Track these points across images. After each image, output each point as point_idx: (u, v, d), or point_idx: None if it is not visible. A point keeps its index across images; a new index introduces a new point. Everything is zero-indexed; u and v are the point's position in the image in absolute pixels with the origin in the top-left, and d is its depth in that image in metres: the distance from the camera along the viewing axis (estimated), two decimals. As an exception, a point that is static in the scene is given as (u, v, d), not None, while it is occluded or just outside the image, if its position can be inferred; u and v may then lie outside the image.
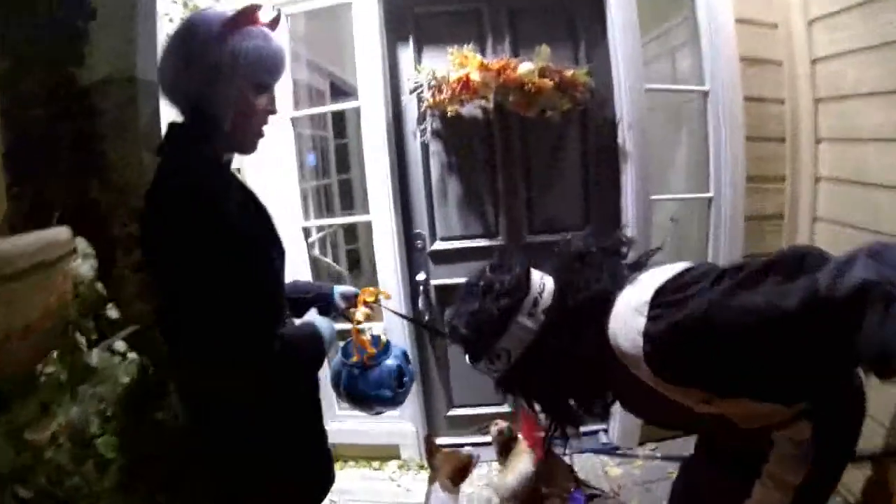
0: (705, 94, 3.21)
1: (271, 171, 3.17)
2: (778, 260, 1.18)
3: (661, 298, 1.24)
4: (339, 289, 1.88)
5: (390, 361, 1.84)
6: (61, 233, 1.15)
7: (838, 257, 1.10)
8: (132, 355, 1.58)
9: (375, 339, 1.85)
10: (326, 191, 4.33)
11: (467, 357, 1.54)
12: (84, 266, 1.71)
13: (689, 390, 1.24)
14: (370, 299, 1.88)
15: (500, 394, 1.58)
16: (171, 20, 2.48)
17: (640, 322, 1.24)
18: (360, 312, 1.84)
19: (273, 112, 1.46)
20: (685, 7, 3.33)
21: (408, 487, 3.09)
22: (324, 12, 3.31)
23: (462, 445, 3.18)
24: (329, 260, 3.24)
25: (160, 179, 1.38)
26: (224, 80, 1.33)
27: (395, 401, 1.85)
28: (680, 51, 3.70)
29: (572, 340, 1.37)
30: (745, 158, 3.17)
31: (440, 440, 3.27)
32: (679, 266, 1.33)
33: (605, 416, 1.52)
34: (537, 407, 1.55)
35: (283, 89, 3.08)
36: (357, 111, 3.21)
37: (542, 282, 1.44)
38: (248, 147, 1.50)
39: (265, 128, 1.48)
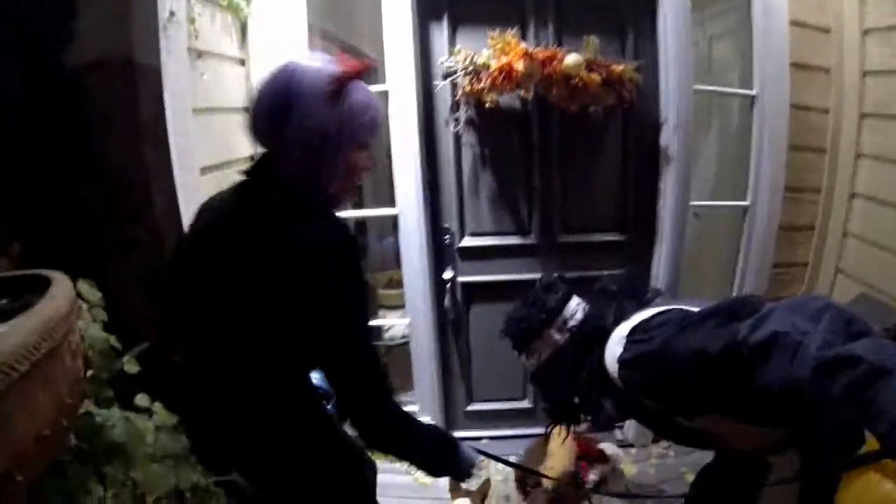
0: (752, 98, 3.08)
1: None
2: (718, 309, 1.44)
3: (634, 335, 1.58)
4: None
5: None
6: (62, 300, 0.98)
7: (764, 309, 1.30)
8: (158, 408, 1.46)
9: None
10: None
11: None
12: (93, 326, 1.54)
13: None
14: None
15: (532, 384, 2.25)
16: None
17: (619, 351, 1.58)
18: None
19: (369, 168, 1.45)
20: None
21: (424, 481, 3.02)
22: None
23: (480, 439, 3.19)
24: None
25: (300, 228, 1.33)
26: (332, 148, 1.33)
27: None
28: (719, 41, 3.57)
29: (582, 357, 1.76)
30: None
31: (458, 433, 3.24)
32: (656, 310, 1.64)
33: (609, 426, 1.89)
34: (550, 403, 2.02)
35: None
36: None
37: (578, 307, 1.87)
38: (340, 203, 1.50)
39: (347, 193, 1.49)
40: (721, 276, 3.36)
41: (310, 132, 1.30)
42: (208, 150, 2.34)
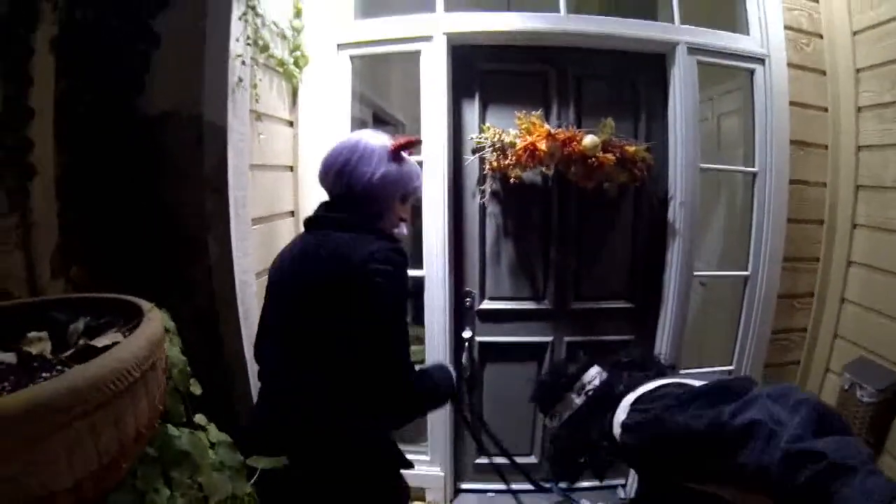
0: (753, 174, 3.29)
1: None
2: (709, 389, 1.56)
3: (637, 404, 1.72)
4: None
5: None
6: (159, 323, 1.14)
7: (750, 394, 1.42)
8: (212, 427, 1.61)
9: None
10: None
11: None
12: (174, 349, 1.71)
13: None
14: None
15: (551, 443, 2.22)
16: (244, 62, 2.42)
17: (622, 417, 1.73)
18: None
19: (406, 220, 1.89)
20: (739, 77, 3.41)
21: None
22: (386, 56, 3.31)
23: (487, 492, 3.34)
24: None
25: (370, 254, 1.64)
26: (389, 191, 1.78)
27: None
28: (727, 118, 3.78)
29: (595, 419, 1.88)
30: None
31: (467, 485, 3.39)
32: (660, 382, 1.80)
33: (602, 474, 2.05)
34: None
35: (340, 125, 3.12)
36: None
37: (596, 375, 2.01)
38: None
39: (395, 230, 1.86)
40: (724, 341, 3.49)
41: (374, 179, 1.74)
42: (258, 203, 2.53)
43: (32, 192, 1.74)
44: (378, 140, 1.81)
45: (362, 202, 1.76)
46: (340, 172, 1.77)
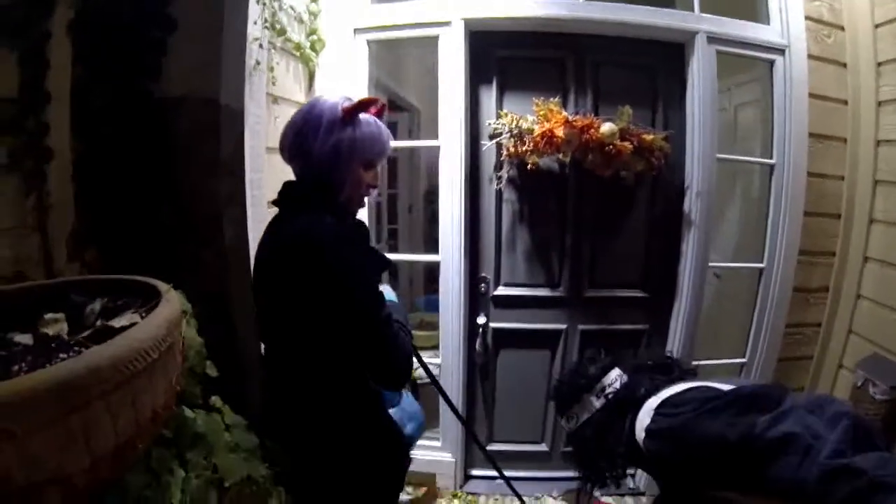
0: (771, 166, 3.26)
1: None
2: (741, 396, 1.54)
3: (662, 409, 1.68)
4: None
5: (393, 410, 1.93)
6: (176, 304, 1.12)
7: (785, 404, 1.43)
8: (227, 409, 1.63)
9: None
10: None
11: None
12: (191, 330, 1.72)
13: None
14: None
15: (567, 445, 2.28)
16: (261, 46, 2.42)
17: (647, 421, 1.69)
18: None
19: (375, 186, 1.77)
20: (758, 67, 3.38)
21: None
22: (403, 41, 3.30)
23: (496, 478, 3.35)
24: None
25: (303, 230, 1.59)
26: (345, 160, 1.65)
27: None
28: (744, 109, 3.75)
29: (614, 423, 1.87)
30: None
31: (477, 472, 3.40)
32: (686, 385, 1.75)
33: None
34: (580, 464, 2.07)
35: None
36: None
37: (617, 378, 1.97)
38: (352, 213, 1.77)
39: (366, 198, 1.78)
40: (737, 333, 3.48)
41: (325, 148, 1.63)
42: (273, 186, 2.54)
43: (49, 176, 1.75)
44: (334, 103, 1.67)
45: (319, 175, 1.66)
46: (294, 144, 1.71)
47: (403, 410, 1.98)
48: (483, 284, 3.30)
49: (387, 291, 1.81)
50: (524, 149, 2.98)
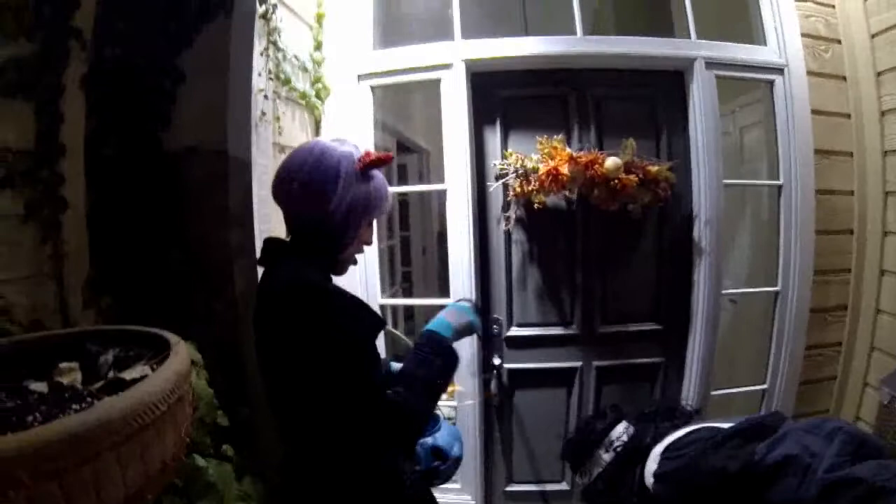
0: (779, 187, 3.24)
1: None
2: (740, 429, 1.61)
3: (667, 454, 1.77)
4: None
5: (428, 439, 1.85)
6: (185, 356, 1.13)
7: (782, 429, 1.48)
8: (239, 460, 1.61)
9: None
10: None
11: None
12: (201, 381, 1.73)
13: None
14: None
15: (582, 500, 2.27)
16: (266, 96, 2.47)
17: (654, 467, 1.77)
18: None
19: (370, 243, 1.67)
20: (760, 88, 3.39)
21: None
22: (407, 84, 3.34)
23: None
24: (402, 335, 3.25)
25: (288, 286, 1.45)
26: (354, 219, 1.54)
27: (427, 477, 1.85)
28: (749, 131, 3.75)
29: (625, 473, 1.93)
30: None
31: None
32: (689, 428, 1.84)
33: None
34: None
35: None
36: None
37: (624, 430, 2.08)
38: (342, 271, 1.66)
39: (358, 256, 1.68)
40: (756, 359, 3.43)
41: (342, 205, 1.51)
42: (282, 234, 2.56)
43: (64, 225, 1.79)
44: (343, 152, 1.54)
45: (330, 231, 1.54)
46: (301, 197, 1.53)
47: (450, 434, 1.91)
48: (496, 326, 3.27)
49: (451, 318, 1.71)
50: (530, 188, 2.99)
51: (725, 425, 1.72)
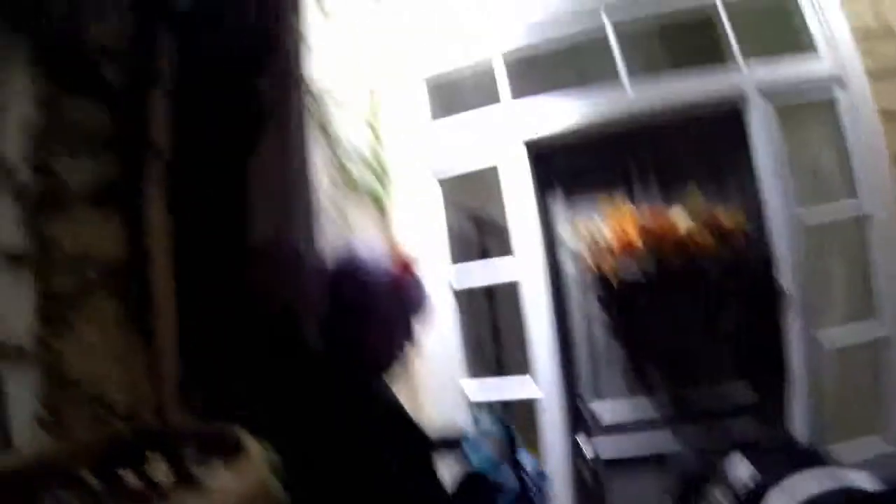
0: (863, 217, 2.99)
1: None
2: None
3: None
4: None
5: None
6: (260, 461, 1.13)
7: None
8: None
9: None
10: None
11: None
12: (275, 482, 1.68)
13: None
14: None
15: None
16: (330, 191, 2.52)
17: None
18: None
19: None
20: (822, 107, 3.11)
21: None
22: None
23: None
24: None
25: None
26: (388, 331, 1.61)
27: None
28: (819, 161, 3.51)
29: None
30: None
31: None
32: (816, 479, 1.65)
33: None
34: None
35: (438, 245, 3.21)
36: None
37: (749, 472, 1.85)
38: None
39: None
40: (867, 406, 3.08)
41: (370, 318, 1.62)
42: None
43: (157, 328, 1.83)
44: (377, 268, 1.66)
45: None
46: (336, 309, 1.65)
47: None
48: (586, 413, 3.12)
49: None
50: (602, 260, 2.95)
51: (855, 475, 1.59)
